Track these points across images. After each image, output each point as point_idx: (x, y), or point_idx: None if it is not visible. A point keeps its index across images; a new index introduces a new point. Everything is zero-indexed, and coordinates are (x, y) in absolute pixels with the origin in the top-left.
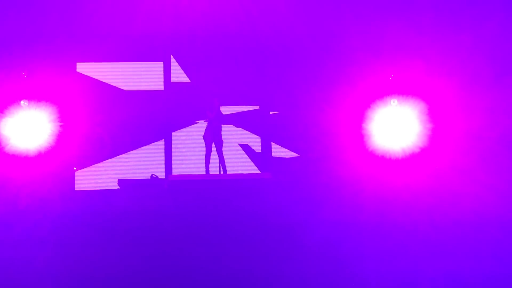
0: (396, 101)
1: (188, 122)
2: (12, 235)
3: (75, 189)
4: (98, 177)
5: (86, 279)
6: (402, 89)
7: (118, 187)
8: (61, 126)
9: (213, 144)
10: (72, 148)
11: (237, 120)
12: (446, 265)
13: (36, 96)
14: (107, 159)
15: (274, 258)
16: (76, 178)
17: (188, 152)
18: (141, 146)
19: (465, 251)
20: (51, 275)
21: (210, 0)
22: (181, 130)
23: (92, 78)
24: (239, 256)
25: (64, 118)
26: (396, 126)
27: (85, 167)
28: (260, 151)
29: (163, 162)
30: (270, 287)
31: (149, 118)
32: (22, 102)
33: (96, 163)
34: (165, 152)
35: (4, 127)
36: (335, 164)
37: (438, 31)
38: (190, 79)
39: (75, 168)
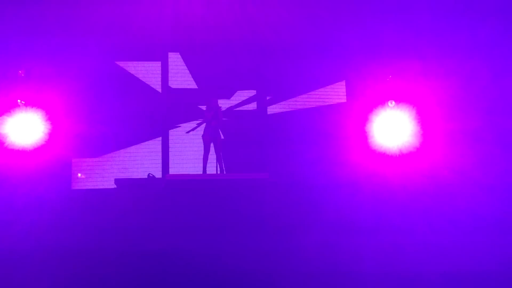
0: (393, 102)
1: (185, 121)
2: (9, 233)
3: (72, 188)
4: (95, 176)
5: (82, 279)
6: (400, 90)
7: (115, 186)
8: (57, 124)
9: (212, 144)
10: (68, 146)
11: (235, 120)
12: (443, 266)
13: (33, 95)
14: (104, 158)
15: (271, 259)
16: (72, 176)
17: (186, 151)
18: (138, 144)
19: (462, 251)
20: (47, 274)
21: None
22: (178, 129)
23: (89, 76)
24: (235, 256)
25: (60, 117)
26: (393, 127)
27: (82, 165)
28: (258, 151)
29: (160, 161)
30: (267, 287)
31: (146, 117)
32: (18, 101)
33: (92, 162)
34: (162, 152)
35: (1, 125)
36: (332, 164)
37: (435, 32)
38: (188, 79)
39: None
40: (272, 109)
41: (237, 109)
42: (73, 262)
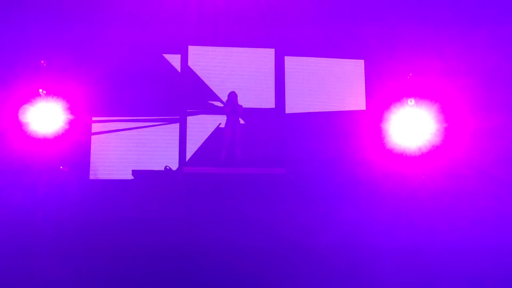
0: (413, 100)
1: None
2: (30, 221)
3: (90, 178)
4: (113, 167)
5: (100, 269)
6: (420, 88)
7: (132, 178)
8: (77, 114)
9: (230, 138)
10: (87, 136)
11: (253, 114)
12: (464, 265)
13: (54, 85)
14: (122, 148)
15: (286, 255)
16: (91, 167)
17: (204, 144)
18: (156, 136)
19: (485, 252)
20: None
21: None
22: (196, 121)
23: (109, 66)
24: (250, 251)
25: (80, 107)
26: (413, 126)
27: (100, 156)
28: (276, 146)
29: (177, 154)
30: (280, 284)
31: (164, 108)
32: (40, 90)
33: (110, 152)
34: (180, 144)
35: (24, 114)
36: (351, 162)
37: (455, 29)
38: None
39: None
40: (291, 106)
41: (256, 104)
42: (91, 253)
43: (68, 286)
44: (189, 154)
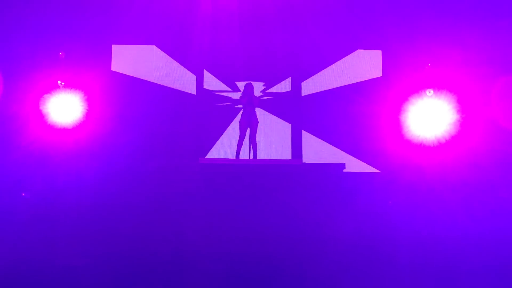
0: (432, 91)
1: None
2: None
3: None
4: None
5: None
6: (439, 79)
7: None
8: (94, 105)
9: (248, 130)
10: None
11: (269, 106)
12: (484, 258)
13: (72, 76)
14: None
15: (302, 245)
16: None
17: (220, 136)
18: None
19: (504, 242)
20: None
21: None
22: (212, 112)
23: (126, 60)
24: (267, 241)
25: (98, 98)
26: (431, 116)
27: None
28: (291, 137)
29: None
30: (297, 273)
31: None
32: (59, 82)
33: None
34: (197, 135)
35: (44, 105)
36: (368, 153)
37: (475, 18)
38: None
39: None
40: (308, 96)
41: (272, 95)
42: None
43: (87, 273)
44: (205, 146)
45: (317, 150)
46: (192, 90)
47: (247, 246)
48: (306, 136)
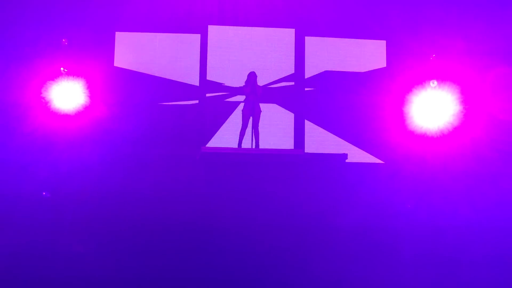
0: (435, 82)
1: (223, 95)
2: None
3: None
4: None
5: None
6: (443, 70)
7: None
8: (96, 92)
9: (250, 119)
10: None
11: (272, 95)
12: (486, 248)
13: (75, 63)
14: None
15: (302, 236)
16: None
17: (222, 125)
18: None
19: (506, 233)
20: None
21: None
22: (214, 100)
23: (130, 48)
24: (266, 231)
25: (99, 85)
26: (435, 107)
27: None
28: (294, 127)
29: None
30: (297, 265)
31: (183, 91)
32: (62, 68)
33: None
34: (199, 124)
35: (47, 92)
36: (371, 144)
37: (480, 8)
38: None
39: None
40: (310, 86)
41: (275, 85)
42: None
43: (90, 261)
44: (208, 134)
45: (320, 140)
46: (195, 81)
47: (249, 236)
48: (309, 126)
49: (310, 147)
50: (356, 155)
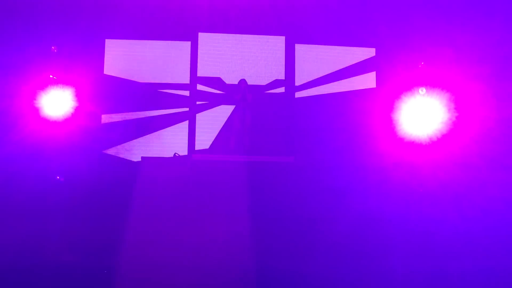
0: (424, 89)
1: (212, 103)
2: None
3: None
4: (123, 154)
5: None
6: (432, 77)
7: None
8: (85, 100)
9: (240, 126)
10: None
11: (262, 102)
12: (475, 257)
13: (64, 71)
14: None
15: (293, 245)
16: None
17: (213, 132)
18: (165, 123)
19: (495, 241)
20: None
21: None
22: (205, 109)
23: (120, 55)
24: (257, 240)
25: (89, 93)
26: (423, 114)
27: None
28: (284, 134)
29: (187, 141)
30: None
31: (174, 97)
32: (51, 76)
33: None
34: (189, 132)
35: (36, 100)
36: (361, 151)
37: (468, 17)
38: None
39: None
40: (301, 94)
41: (266, 91)
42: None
43: (80, 270)
44: (198, 142)
45: (310, 147)
46: (185, 88)
47: (240, 241)
48: (298, 134)
49: (300, 154)
50: (345, 162)
